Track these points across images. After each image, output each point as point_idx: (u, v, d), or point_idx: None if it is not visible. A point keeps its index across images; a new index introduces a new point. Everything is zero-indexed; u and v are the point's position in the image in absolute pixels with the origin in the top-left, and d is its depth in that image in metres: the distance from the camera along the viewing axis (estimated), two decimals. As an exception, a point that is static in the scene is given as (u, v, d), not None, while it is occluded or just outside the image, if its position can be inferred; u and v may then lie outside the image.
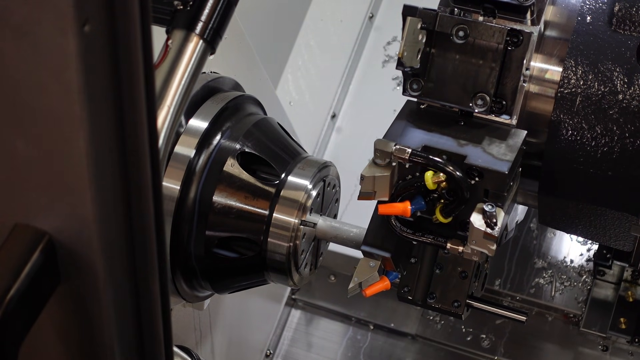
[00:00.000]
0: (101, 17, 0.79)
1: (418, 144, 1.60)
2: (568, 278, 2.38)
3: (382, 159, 1.58)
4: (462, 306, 1.73)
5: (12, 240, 0.87)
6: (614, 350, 2.31)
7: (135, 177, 0.89)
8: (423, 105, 1.67)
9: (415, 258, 1.73)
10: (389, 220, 1.63)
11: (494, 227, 1.52)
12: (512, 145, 1.60)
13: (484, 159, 1.57)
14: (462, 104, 1.63)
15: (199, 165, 1.66)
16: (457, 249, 1.61)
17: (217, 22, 1.44)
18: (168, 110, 1.38)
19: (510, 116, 1.61)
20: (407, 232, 1.62)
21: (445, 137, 1.61)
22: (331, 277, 2.51)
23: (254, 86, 1.91)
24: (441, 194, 1.57)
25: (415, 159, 1.55)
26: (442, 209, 1.58)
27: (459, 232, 1.61)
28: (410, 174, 1.59)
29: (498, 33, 1.59)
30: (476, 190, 1.56)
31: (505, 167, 1.55)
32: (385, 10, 2.61)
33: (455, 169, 1.54)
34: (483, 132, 1.62)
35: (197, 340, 1.97)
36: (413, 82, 1.65)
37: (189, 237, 1.65)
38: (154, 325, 1.01)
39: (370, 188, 1.59)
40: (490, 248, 1.55)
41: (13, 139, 0.83)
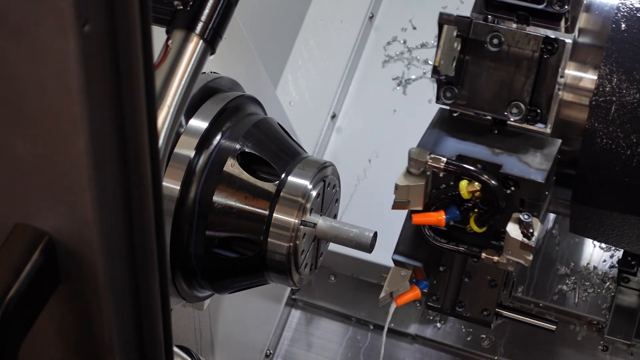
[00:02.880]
0: (101, 17, 0.79)
1: (452, 152, 1.58)
2: (591, 285, 2.35)
3: (416, 168, 1.57)
4: (491, 315, 1.71)
5: (12, 240, 0.87)
6: (614, 350, 2.31)
7: (135, 177, 0.89)
8: (455, 113, 1.66)
9: (444, 266, 1.72)
10: (422, 230, 1.62)
11: (531, 237, 1.51)
12: (548, 154, 1.58)
13: (519, 168, 1.55)
14: (497, 112, 1.61)
15: (199, 166, 1.66)
16: (492, 259, 1.59)
17: (217, 22, 1.44)
18: (168, 111, 1.38)
19: (545, 125, 1.59)
20: (441, 241, 1.61)
21: (480, 146, 1.60)
22: (331, 277, 2.50)
23: (254, 86, 1.91)
24: (475, 203, 1.55)
25: (451, 168, 1.54)
26: (476, 218, 1.56)
27: (492, 242, 1.59)
28: (444, 183, 1.57)
29: (534, 41, 1.57)
30: (511, 200, 1.54)
31: (541, 177, 1.53)
32: (385, 10, 2.61)
33: (490, 178, 1.52)
34: (518, 141, 1.61)
35: (197, 340, 1.97)
36: (446, 90, 1.63)
37: (189, 237, 1.65)
38: (154, 325, 1.01)
39: (405, 197, 1.57)
40: (526, 258, 1.53)
41: (13, 139, 0.83)
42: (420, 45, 2.55)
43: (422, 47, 2.55)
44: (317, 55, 2.57)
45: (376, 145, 2.49)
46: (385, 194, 2.46)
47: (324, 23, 2.59)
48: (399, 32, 2.58)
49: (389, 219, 2.41)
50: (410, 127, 2.48)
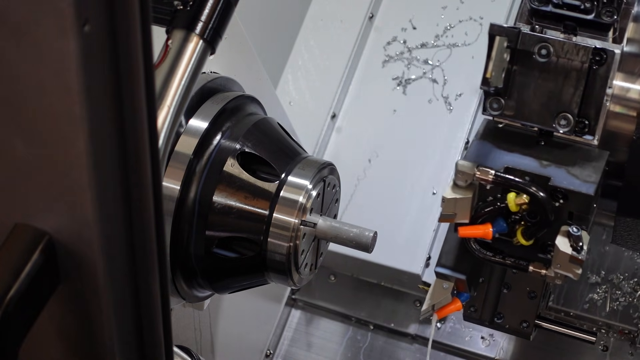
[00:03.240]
0: (101, 17, 0.79)
1: (500, 165, 1.57)
2: (623, 293, 2.33)
3: (463, 180, 1.56)
4: (530, 327, 1.71)
5: (12, 241, 0.87)
6: (614, 350, 2.31)
7: (135, 177, 0.89)
8: (501, 125, 1.65)
9: (483, 278, 1.71)
10: (468, 243, 1.61)
11: (580, 251, 1.50)
12: (596, 166, 1.57)
13: (568, 180, 1.54)
14: (545, 123, 1.59)
15: (199, 166, 1.66)
16: (539, 272, 1.58)
17: (217, 22, 1.44)
18: (168, 110, 1.38)
19: (594, 136, 1.58)
20: (487, 254, 1.60)
21: (527, 158, 1.59)
22: (331, 277, 2.50)
23: (254, 86, 1.91)
24: (522, 216, 1.54)
25: (499, 180, 1.53)
26: (523, 231, 1.55)
27: (539, 255, 1.58)
28: (491, 195, 1.56)
29: (583, 51, 1.55)
30: (560, 213, 1.53)
31: (591, 190, 1.52)
32: (385, 10, 2.61)
33: (539, 191, 1.51)
34: (565, 153, 1.59)
35: (197, 340, 1.97)
36: (493, 101, 1.62)
37: (189, 237, 1.65)
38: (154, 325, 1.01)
39: (452, 210, 1.57)
40: (575, 272, 1.52)
41: (13, 139, 0.83)
42: (420, 45, 2.55)
43: (422, 47, 2.55)
44: (317, 55, 2.57)
45: (376, 145, 2.49)
46: (385, 194, 2.47)
47: (324, 23, 2.59)
48: (399, 32, 2.58)
49: (389, 219, 2.41)
50: (410, 127, 2.49)
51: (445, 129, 2.46)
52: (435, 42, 2.54)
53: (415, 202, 2.42)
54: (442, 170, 2.42)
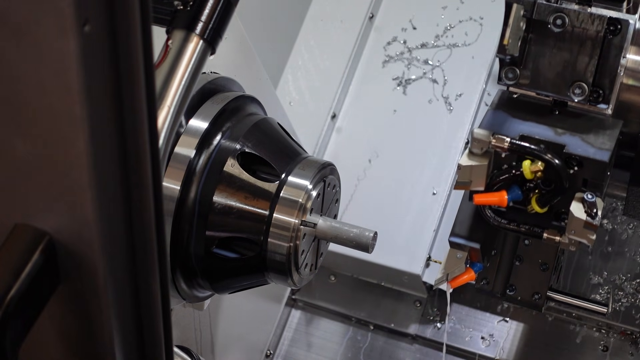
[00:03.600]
0: (101, 17, 0.79)
1: (515, 133, 1.60)
2: (625, 294, 2.33)
3: (479, 148, 1.58)
4: (542, 298, 1.72)
5: (12, 241, 0.87)
6: (614, 350, 2.31)
7: (136, 177, 0.89)
8: (515, 95, 1.67)
9: (495, 250, 1.73)
10: (483, 211, 1.63)
11: (595, 217, 1.52)
12: (610, 135, 1.60)
13: (583, 148, 1.57)
14: (560, 93, 1.62)
15: (199, 166, 1.66)
16: (554, 239, 1.61)
17: (217, 22, 1.44)
18: (168, 111, 1.38)
19: (608, 105, 1.60)
20: (502, 222, 1.62)
21: (542, 126, 1.62)
22: (331, 277, 2.50)
23: (254, 86, 1.91)
24: (537, 183, 1.56)
25: (515, 147, 1.55)
26: (538, 198, 1.58)
27: (553, 222, 1.60)
28: (506, 163, 1.59)
29: (598, 21, 1.58)
30: (574, 180, 1.56)
31: (605, 156, 1.55)
32: (385, 10, 2.61)
33: (554, 158, 1.53)
34: (580, 122, 1.62)
35: (197, 340, 1.97)
36: (509, 70, 1.65)
37: (189, 237, 1.65)
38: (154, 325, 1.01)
39: (467, 178, 1.59)
40: (589, 238, 1.54)
41: (13, 139, 0.83)
42: (420, 45, 2.55)
43: (422, 47, 2.55)
44: (317, 55, 2.57)
45: (376, 145, 2.49)
46: (385, 193, 2.47)
47: (324, 23, 2.59)
48: (399, 32, 2.58)
49: (389, 219, 2.41)
50: (410, 127, 2.49)
51: (445, 129, 2.46)
52: (435, 42, 2.54)
53: (415, 202, 2.42)
54: (442, 170, 2.42)
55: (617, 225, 2.38)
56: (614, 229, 2.37)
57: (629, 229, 2.37)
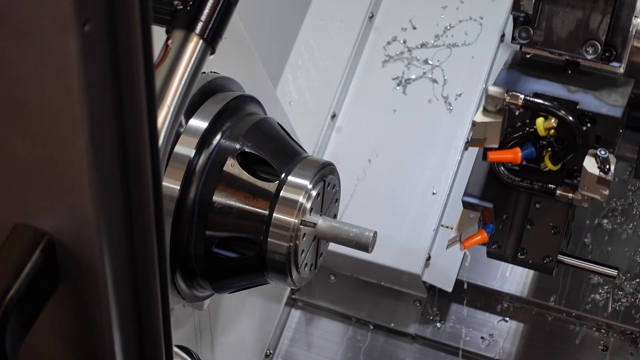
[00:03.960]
0: (101, 17, 0.79)
1: (528, 90, 1.62)
2: (625, 294, 2.33)
3: (493, 105, 1.59)
4: (553, 262, 1.73)
5: (12, 241, 0.87)
6: (613, 350, 2.31)
7: (135, 176, 0.89)
8: (528, 55, 1.68)
9: (506, 214, 1.74)
10: (497, 169, 1.64)
11: (608, 172, 1.54)
12: (623, 92, 1.62)
13: (596, 104, 1.59)
14: (573, 51, 1.64)
15: (199, 165, 1.66)
16: (567, 196, 1.62)
17: (217, 22, 1.44)
18: (168, 110, 1.38)
19: (620, 63, 1.62)
20: (515, 179, 1.63)
21: (555, 85, 1.63)
22: (331, 277, 2.50)
23: (254, 86, 1.91)
24: (550, 141, 1.58)
25: (529, 104, 1.56)
26: (551, 156, 1.59)
27: (566, 180, 1.62)
28: (520, 121, 1.60)
29: None
30: (587, 137, 1.57)
31: (618, 113, 1.57)
32: (385, 10, 2.61)
33: (568, 114, 1.54)
34: (592, 80, 1.64)
35: (197, 340, 1.97)
36: (522, 30, 1.66)
37: (189, 237, 1.65)
38: (154, 325, 1.01)
39: (481, 134, 1.60)
40: (602, 193, 1.56)
41: (13, 139, 0.83)
42: (420, 45, 2.55)
43: (422, 47, 2.55)
44: (317, 55, 2.57)
45: (376, 145, 2.49)
46: (385, 193, 2.47)
47: (324, 23, 2.59)
48: (399, 32, 2.58)
49: (389, 219, 2.41)
50: (410, 127, 2.49)
51: (445, 129, 2.46)
52: (435, 42, 2.54)
53: (415, 202, 2.42)
54: (442, 170, 2.42)
55: (617, 225, 2.38)
56: (614, 229, 2.37)
57: (628, 229, 2.37)
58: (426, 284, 2.40)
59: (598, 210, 2.39)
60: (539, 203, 1.70)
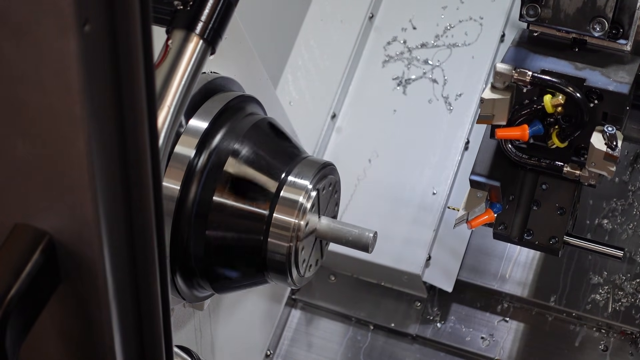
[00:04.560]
0: (101, 16, 0.79)
1: (536, 68, 1.63)
2: (625, 294, 2.33)
3: (501, 82, 1.60)
4: (559, 242, 1.74)
5: (12, 241, 0.87)
6: (613, 350, 2.31)
7: (136, 177, 0.89)
8: (536, 33, 1.69)
9: (513, 195, 1.74)
10: (504, 146, 1.65)
11: (615, 148, 1.54)
12: (629, 69, 1.63)
13: (603, 81, 1.59)
14: (580, 28, 1.65)
15: (199, 165, 1.66)
16: (574, 173, 1.63)
17: (217, 22, 1.44)
18: (168, 111, 1.38)
19: (627, 40, 1.63)
20: (523, 157, 1.64)
21: (563, 62, 1.65)
22: (331, 277, 2.50)
23: (254, 86, 1.91)
24: (557, 118, 1.58)
25: (537, 81, 1.57)
26: (558, 133, 1.60)
27: (573, 158, 1.62)
28: (527, 98, 1.61)
29: None
30: (594, 114, 1.58)
31: (625, 89, 1.58)
32: (385, 10, 2.61)
33: (575, 91, 1.55)
34: (600, 58, 1.65)
35: (197, 340, 1.97)
36: (530, 7, 1.67)
37: (188, 237, 1.65)
38: (154, 325, 1.01)
39: (490, 111, 1.61)
40: (609, 169, 1.57)
41: (13, 139, 0.83)
42: (420, 45, 2.55)
43: (422, 47, 2.55)
44: (317, 55, 2.57)
45: (376, 145, 2.49)
46: (385, 193, 2.47)
47: (324, 23, 2.59)
48: (399, 32, 2.58)
49: (389, 219, 2.41)
50: (410, 127, 2.49)
51: (445, 129, 2.46)
52: (435, 42, 2.54)
53: (415, 202, 2.41)
54: (442, 170, 2.42)
55: (617, 225, 2.38)
56: (614, 229, 2.37)
57: (629, 229, 2.37)
58: (426, 284, 2.40)
59: (598, 210, 2.39)
60: (545, 184, 1.71)
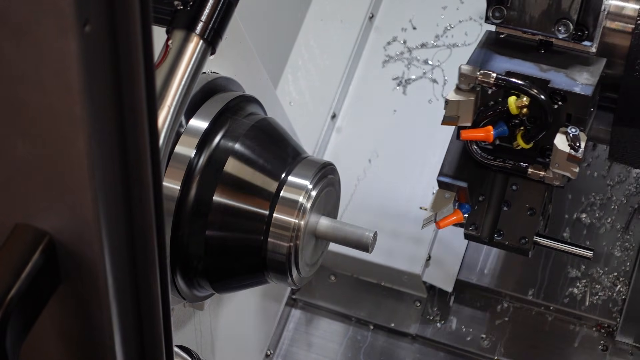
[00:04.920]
0: (102, 17, 0.79)
1: (501, 69, 1.63)
2: (602, 287, 2.35)
3: (466, 84, 1.61)
4: (529, 243, 1.73)
5: (12, 241, 0.87)
6: (613, 350, 2.31)
7: (136, 177, 0.89)
8: (502, 35, 1.69)
9: (483, 196, 1.74)
10: (469, 147, 1.65)
11: (578, 149, 1.55)
12: (594, 71, 1.63)
13: (567, 83, 1.60)
14: (545, 30, 1.66)
15: (199, 165, 1.66)
16: (538, 174, 1.63)
17: (217, 22, 1.44)
18: (168, 111, 1.38)
19: (592, 42, 1.63)
20: (488, 158, 1.64)
21: (528, 63, 1.65)
22: (331, 277, 2.51)
23: (254, 86, 1.91)
24: (522, 120, 1.59)
25: (501, 82, 1.57)
26: (523, 134, 1.61)
27: (538, 159, 1.63)
28: (492, 100, 1.61)
29: None
30: (558, 115, 1.58)
31: (589, 91, 1.58)
32: (385, 10, 2.61)
33: (539, 92, 1.55)
34: (564, 59, 1.65)
35: (197, 340, 1.97)
36: (496, 9, 1.68)
37: (189, 237, 1.65)
38: (154, 325, 1.01)
39: (454, 113, 1.61)
40: (573, 170, 1.57)
41: (13, 139, 0.83)
42: (420, 45, 2.55)
43: (422, 47, 2.55)
44: (317, 55, 2.57)
45: (376, 145, 2.49)
46: (385, 194, 2.47)
47: (324, 23, 2.59)
48: (399, 32, 2.58)
49: (389, 219, 2.41)
50: (410, 127, 2.49)
51: (445, 129, 2.46)
52: (435, 42, 2.54)
53: (415, 202, 2.41)
54: (442, 170, 2.42)
55: (595, 220, 2.40)
56: (592, 223, 2.39)
57: (607, 223, 2.39)
58: (426, 284, 2.40)
59: (577, 204, 2.41)
60: (515, 184, 1.71)
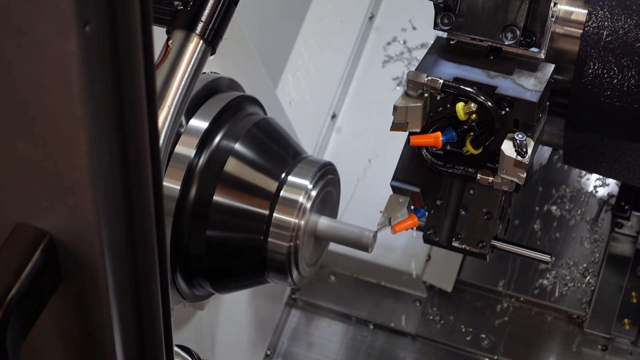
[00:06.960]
0: (102, 17, 0.79)
1: (449, 75, 1.63)
2: (572, 279, 2.37)
3: (414, 90, 1.61)
4: (487, 246, 1.74)
5: (13, 240, 0.87)
6: (613, 350, 2.31)
7: (136, 177, 0.89)
8: (452, 41, 1.70)
9: (441, 200, 1.74)
10: (420, 153, 1.66)
11: (525, 155, 1.55)
12: (541, 78, 1.64)
13: (514, 89, 1.61)
14: (492, 36, 1.66)
15: (199, 165, 1.66)
16: (487, 179, 1.64)
17: (217, 22, 1.45)
18: (168, 111, 1.38)
19: (540, 49, 1.64)
20: (438, 163, 1.65)
21: (476, 70, 1.65)
22: (331, 277, 2.51)
23: (254, 86, 1.91)
24: (471, 126, 1.60)
25: (448, 89, 1.58)
26: (472, 140, 1.61)
27: (488, 165, 1.64)
28: (441, 106, 1.62)
29: None
30: (506, 121, 1.59)
31: (535, 97, 1.59)
32: (385, 10, 2.61)
33: (486, 99, 1.56)
34: (512, 65, 1.66)
35: (197, 340, 1.97)
36: (444, 16, 1.68)
37: (189, 237, 1.66)
38: (155, 325, 1.01)
39: (403, 119, 1.62)
40: (520, 176, 1.58)
41: (14, 139, 0.83)
42: (420, 45, 2.55)
43: (422, 47, 2.55)
44: (317, 55, 2.57)
45: (376, 145, 2.49)
46: (385, 193, 2.46)
47: (324, 23, 2.59)
48: (399, 32, 2.58)
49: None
50: (410, 127, 2.49)
51: (445, 129, 2.46)
52: (435, 42, 2.54)
53: (415, 202, 2.42)
54: (442, 170, 2.42)
55: (565, 212, 2.42)
56: (562, 215, 2.42)
57: (577, 215, 2.42)
58: (426, 283, 2.40)
59: (547, 197, 2.43)
60: (472, 189, 1.72)
